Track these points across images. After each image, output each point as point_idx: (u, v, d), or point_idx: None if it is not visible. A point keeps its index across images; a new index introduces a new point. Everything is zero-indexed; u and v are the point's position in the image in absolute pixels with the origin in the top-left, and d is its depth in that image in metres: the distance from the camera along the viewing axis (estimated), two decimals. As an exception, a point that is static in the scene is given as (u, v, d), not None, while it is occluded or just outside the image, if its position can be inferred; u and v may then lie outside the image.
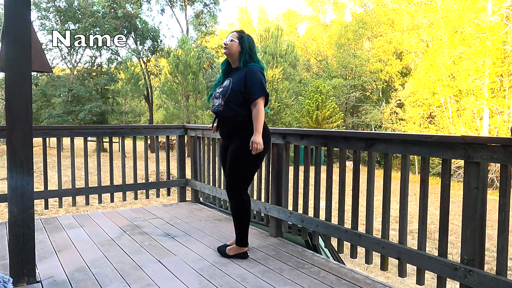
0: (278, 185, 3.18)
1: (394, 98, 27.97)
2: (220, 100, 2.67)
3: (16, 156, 2.18)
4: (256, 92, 2.54)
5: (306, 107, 26.95)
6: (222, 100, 2.66)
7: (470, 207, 1.95)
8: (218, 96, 2.70)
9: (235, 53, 2.66)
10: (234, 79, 2.65)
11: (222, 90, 2.68)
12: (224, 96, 2.65)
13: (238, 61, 2.67)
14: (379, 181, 2.48)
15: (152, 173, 10.32)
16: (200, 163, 4.33)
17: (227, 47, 2.67)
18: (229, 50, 2.67)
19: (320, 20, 40.82)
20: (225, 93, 2.65)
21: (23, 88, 2.19)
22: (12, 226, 2.20)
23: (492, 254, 6.57)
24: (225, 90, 2.66)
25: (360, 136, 2.60)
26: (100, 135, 4.49)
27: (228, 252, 2.75)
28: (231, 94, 2.61)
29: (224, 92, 2.66)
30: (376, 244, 2.41)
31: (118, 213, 4.00)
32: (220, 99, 2.67)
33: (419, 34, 28.02)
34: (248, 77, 2.57)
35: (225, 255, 2.75)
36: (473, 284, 1.91)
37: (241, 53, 2.65)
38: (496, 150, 1.85)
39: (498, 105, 22.17)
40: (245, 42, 2.66)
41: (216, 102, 2.71)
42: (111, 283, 2.31)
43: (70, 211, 8.69)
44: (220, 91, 2.70)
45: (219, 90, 2.72)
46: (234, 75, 2.68)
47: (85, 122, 26.01)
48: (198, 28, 31.78)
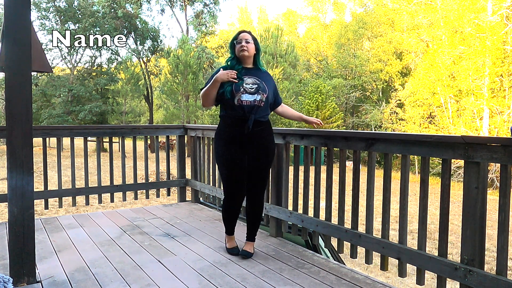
0: (278, 185, 3.18)
1: (394, 98, 27.97)
2: (259, 96, 2.59)
3: (16, 156, 2.18)
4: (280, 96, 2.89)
5: (306, 107, 26.95)
6: (263, 95, 2.60)
7: (470, 207, 1.95)
8: (255, 91, 2.59)
9: (252, 54, 2.69)
10: (264, 79, 2.67)
11: (258, 86, 2.61)
12: (264, 92, 2.62)
13: (254, 61, 2.72)
14: (379, 181, 2.47)
15: (152, 173, 10.32)
16: (200, 163, 4.33)
17: (247, 50, 2.63)
18: (249, 52, 2.65)
19: (320, 20, 40.83)
20: (264, 90, 2.63)
21: (23, 88, 2.19)
22: (12, 226, 2.20)
23: (492, 254, 6.57)
24: (262, 87, 2.62)
25: (360, 136, 2.60)
26: (100, 135, 4.50)
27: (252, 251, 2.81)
28: (270, 92, 2.66)
29: (263, 89, 2.62)
30: (376, 244, 2.41)
31: (118, 213, 4.00)
32: (260, 94, 2.60)
33: (419, 34, 28.02)
34: (275, 85, 2.81)
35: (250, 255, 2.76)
36: (473, 284, 1.91)
37: (256, 53, 2.70)
38: (496, 150, 1.85)
39: (498, 105, 22.18)
40: (257, 42, 2.72)
41: (250, 97, 2.58)
42: (111, 283, 2.31)
43: (70, 211, 8.69)
44: (256, 86, 2.60)
45: (251, 85, 2.60)
46: (258, 75, 2.67)
47: (85, 122, 26.01)
48: (198, 28, 31.78)
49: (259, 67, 2.73)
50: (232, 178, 2.70)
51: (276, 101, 2.82)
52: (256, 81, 2.63)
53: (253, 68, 2.71)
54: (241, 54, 2.64)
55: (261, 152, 2.68)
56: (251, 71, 2.68)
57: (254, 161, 2.67)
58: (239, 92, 2.57)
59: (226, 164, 2.69)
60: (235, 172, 2.67)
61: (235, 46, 2.68)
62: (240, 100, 2.57)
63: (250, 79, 2.63)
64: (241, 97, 2.57)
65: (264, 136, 2.68)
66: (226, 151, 2.67)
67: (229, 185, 2.72)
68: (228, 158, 2.66)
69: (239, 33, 2.71)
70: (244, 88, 2.59)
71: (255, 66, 2.72)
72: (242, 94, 2.57)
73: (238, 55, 2.66)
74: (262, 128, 2.65)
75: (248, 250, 2.79)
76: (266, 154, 2.72)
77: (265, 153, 2.71)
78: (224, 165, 2.70)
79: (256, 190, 2.75)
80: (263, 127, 2.66)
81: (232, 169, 2.67)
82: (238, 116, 2.60)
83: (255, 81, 2.63)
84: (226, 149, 2.67)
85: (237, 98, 2.57)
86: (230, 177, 2.70)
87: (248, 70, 2.68)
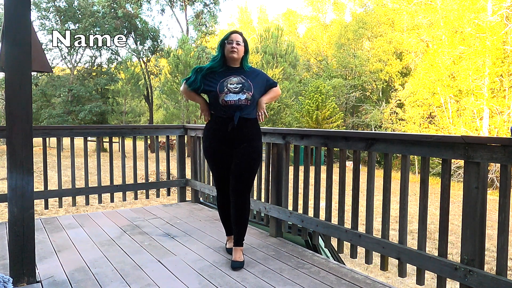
0: (278, 185, 3.18)
1: (394, 98, 27.97)
2: (244, 95, 2.58)
3: (16, 156, 2.18)
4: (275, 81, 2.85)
5: (306, 107, 26.95)
6: (248, 94, 2.59)
7: (470, 207, 1.95)
8: (239, 90, 2.58)
9: (241, 56, 2.68)
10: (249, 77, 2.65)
11: (243, 86, 2.60)
12: (249, 90, 2.60)
13: (241, 62, 2.70)
14: (379, 181, 2.47)
15: (152, 173, 10.30)
16: (200, 163, 4.33)
17: (237, 52, 2.63)
18: (238, 54, 2.65)
19: (320, 20, 40.83)
20: (249, 88, 2.61)
21: (23, 88, 2.19)
22: (12, 226, 2.20)
23: (492, 254, 6.56)
24: (247, 85, 2.61)
25: (360, 136, 2.60)
26: (100, 135, 4.50)
27: (241, 258, 2.63)
28: (256, 89, 2.64)
29: (248, 88, 2.60)
30: (376, 244, 2.41)
31: (118, 213, 4.00)
32: (245, 93, 2.58)
33: (419, 34, 28.02)
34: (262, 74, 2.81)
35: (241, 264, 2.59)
36: (473, 284, 1.91)
37: (244, 55, 2.69)
38: (496, 150, 1.85)
39: (498, 105, 22.17)
40: (247, 44, 2.71)
41: (235, 97, 2.57)
42: (111, 283, 2.31)
43: (70, 211, 8.69)
44: (240, 86, 2.60)
45: (235, 85, 2.60)
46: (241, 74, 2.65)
47: (85, 122, 26.01)
48: (198, 28, 31.77)
49: (244, 67, 2.70)
50: (219, 175, 2.74)
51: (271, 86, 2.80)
52: (241, 80, 2.63)
53: (237, 67, 2.70)
54: (231, 55, 2.63)
55: (246, 150, 2.64)
56: (236, 71, 2.68)
57: (238, 158, 2.65)
58: (223, 93, 2.59)
59: (212, 161, 2.74)
60: (221, 168, 2.71)
61: (225, 45, 2.65)
62: (224, 101, 2.58)
63: (235, 79, 2.63)
64: (225, 97, 2.58)
65: (249, 134, 2.65)
66: (212, 149, 2.71)
67: (217, 181, 2.78)
68: (214, 155, 2.71)
69: (231, 33, 2.69)
70: (228, 89, 2.60)
71: (240, 66, 2.71)
72: (226, 94, 2.59)
73: (227, 55, 2.65)
74: (247, 125, 2.63)
75: (238, 259, 2.61)
76: (250, 151, 2.65)
77: (249, 151, 2.64)
78: (211, 162, 2.76)
79: (239, 188, 2.64)
80: (249, 124, 2.64)
81: (218, 166, 2.72)
82: (223, 116, 2.62)
83: (240, 80, 2.62)
84: (212, 146, 2.70)
85: (221, 99, 2.59)
86: (217, 174, 2.76)
87: (233, 70, 2.68)
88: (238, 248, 2.66)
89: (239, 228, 2.69)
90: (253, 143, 2.67)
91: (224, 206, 2.83)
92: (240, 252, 2.65)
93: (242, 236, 2.70)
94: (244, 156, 2.63)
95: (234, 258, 2.63)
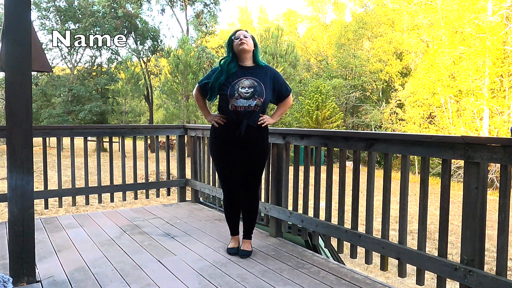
0: (278, 185, 3.18)
1: (394, 98, 27.96)
2: (255, 101, 2.53)
3: (16, 156, 2.18)
4: (289, 88, 2.76)
5: (306, 107, 26.95)
6: (259, 100, 2.55)
7: (470, 207, 1.95)
8: (250, 95, 2.53)
9: (251, 49, 2.62)
10: (263, 80, 2.59)
11: (255, 90, 2.54)
12: (261, 96, 2.55)
13: (252, 58, 2.66)
14: (379, 181, 2.47)
15: (152, 173, 10.30)
16: (200, 163, 4.33)
17: (246, 43, 2.57)
18: (248, 46, 2.59)
19: (320, 20, 40.81)
20: (261, 93, 2.56)
21: (23, 88, 2.19)
22: (12, 225, 2.20)
23: (492, 254, 6.56)
24: (259, 90, 2.56)
25: (360, 136, 2.60)
26: (100, 135, 4.50)
27: (249, 248, 2.80)
28: (268, 94, 2.60)
29: (260, 93, 2.55)
30: (376, 244, 2.41)
31: (118, 213, 4.00)
32: (255, 99, 2.53)
33: (419, 34, 28.01)
34: (278, 77, 2.70)
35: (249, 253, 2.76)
36: (473, 285, 1.91)
37: (255, 49, 2.65)
38: (496, 150, 1.85)
39: (498, 105, 22.17)
40: (254, 39, 2.69)
41: (246, 103, 2.53)
42: (111, 283, 2.31)
43: (70, 211, 8.69)
44: (251, 91, 2.54)
45: (246, 89, 2.54)
46: (255, 74, 2.59)
47: (85, 122, 26.01)
48: (198, 28, 31.79)
49: (259, 63, 2.66)
50: (227, 177, 2.77)
51: (279, 97, 2.72)
52: (253, 83, 2.56)
53: (251, 67, 2.64)
54: (241, 48, 2.57)
55: (253, 152, 2.68)
56: (249, 70, 2.62)
57: (246, 159, 2.68)
58: (234, 98, 2.55)
59: (220, 163, 2.75)
60: (228, 170, 2.74)
61: (233, 42, 2.62)
62: (234, 106, 2.55)
63: (247, 81, 2.57)
64: (235, 102, 2.55)
65: (257, 136, 2.66)
66: (220, 151, 2.72)
67: (225, 183, 2.80)
68: (222, 157, 2.72)
69: (236, 31, 2.69)
70: (239, 93, 2.54)
71: (255, 63, 2.67)
72: (237, 99, 2.54)
73: (237, 49, 2.60)
74: (254, 129, 2.63)
75: (246, 248, 2.79)
76: (258, 152, 2.70)
77: (257, 152, 2.69)
78: (219, 165, 2.77)
79: (249, 186, 2.75)
80: (256, 129, 2.64)
81: (225, 168, 2.74)
82: (231, 121, 2.61)
83: (252, 83, 2.56)
84: (219, 148, 2.72)
85: (231, 104, 2.56)
86: (225, 176, 2.77)
87: (246, 70, 2.62)
88: (247, 241, 2.83)
89: (250, 222, 2.84)
90: (261, 143, 2.70)
91: (231, 207, 2.85)
92: (249, 244, 2.83)
93: (252, 229, 2.86)
94: (253, 157, 2.68)
95: (242, 247, 2.80)
